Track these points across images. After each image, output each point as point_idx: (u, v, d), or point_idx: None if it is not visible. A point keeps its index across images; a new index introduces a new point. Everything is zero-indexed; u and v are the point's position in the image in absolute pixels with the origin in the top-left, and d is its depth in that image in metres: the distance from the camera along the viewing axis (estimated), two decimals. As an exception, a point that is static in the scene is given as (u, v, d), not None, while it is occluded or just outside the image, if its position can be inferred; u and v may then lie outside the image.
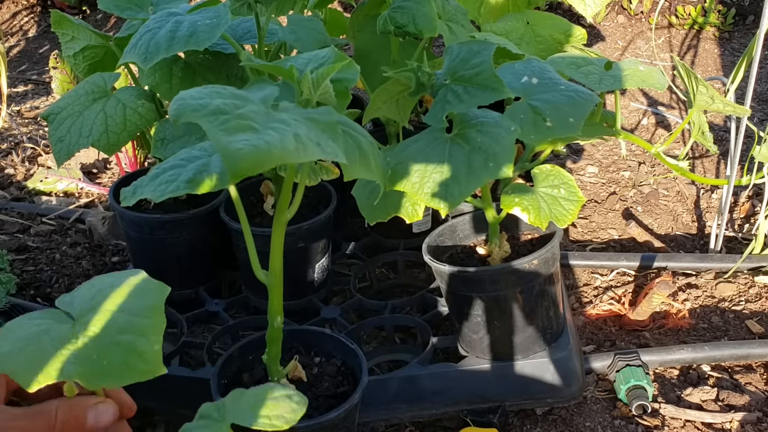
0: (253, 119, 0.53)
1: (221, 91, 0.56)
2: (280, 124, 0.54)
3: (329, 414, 0.72)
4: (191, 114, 0.53)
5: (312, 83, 0.63)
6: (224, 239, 1.08)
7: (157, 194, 0.59)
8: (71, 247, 1.39)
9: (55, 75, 1.60)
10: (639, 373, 0.98)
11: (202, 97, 0.54)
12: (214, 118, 0.52)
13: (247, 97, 0.57)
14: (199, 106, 0.53)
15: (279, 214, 0.67)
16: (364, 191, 0.88)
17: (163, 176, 0.61)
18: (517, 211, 0.85)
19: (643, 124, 1.84)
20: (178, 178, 0.60)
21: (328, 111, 0.59)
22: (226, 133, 0.51)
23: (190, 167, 0.60)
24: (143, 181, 0.62)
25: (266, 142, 0.51)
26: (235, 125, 0.52)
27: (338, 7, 2.11)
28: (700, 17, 2.18)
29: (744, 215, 1.43)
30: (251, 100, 0.57)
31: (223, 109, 0.54)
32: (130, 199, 0.62)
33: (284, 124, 0.54)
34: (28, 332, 0.59)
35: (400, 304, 1.10)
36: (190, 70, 1.03)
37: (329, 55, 0.69)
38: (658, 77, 0.91)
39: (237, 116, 0.53)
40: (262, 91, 0.59)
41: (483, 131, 0.75)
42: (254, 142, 0.50)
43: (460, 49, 0.81)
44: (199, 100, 0.54)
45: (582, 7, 1.22)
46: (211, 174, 0.59)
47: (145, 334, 0.57)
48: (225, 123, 0.52)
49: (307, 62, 0.70)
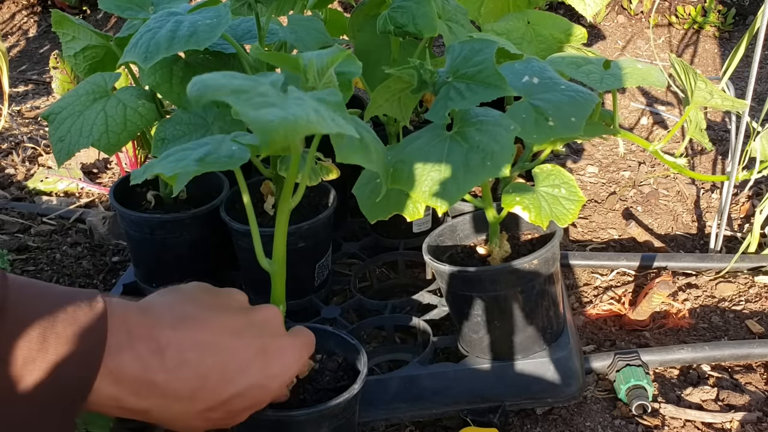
0: (272, 97, 0.56)
1: (235, 74, 0.58)
2: (299, 101, 0.56)
3: (329, 402, 0.72)
4: (214, 93, 0.54)
5: (317, 71, 0.65)
6: (225, 239, 1.08)
7: (168, 170, 0.61)
8: (72, 246, 1.39)
9: (56, 75, 1.60)
10: (639, 373, 0.98)
11: (219, 79, 0.56)
12: (238, 96, 0.54)
13: (260, 80, 0.59)
14: (220, 86, 0.55)
15: (283, 202, 0.68)
16: (364, 189, 0.88)
17: (173, 156, 0.63)
18: (518, 209, 0.86)
19: (643, 123, 1.84)
20: (188, 158, 0.62)
21: (333, 92, 0.61)
22: (253, 108, 0.53)
23: (201, 149, 0.63)
24: (153, 162, 0.64)
25: (293, 114, 0.53)
26: (259, 102, 0.54)
27: (338, 7, 2.12)
28: (700, 17, 2.18)
29: (744, 215, 1.43)
30: (263, 82, 0.59)
31: (244, 88, 0.55)
32: (140, 177, 0.64)
33: (301, 100, 0.56)
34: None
35: (401, 304, 1.10)
36: (191, 70, 1.03)
37: (333, 50, 0.70)
38: (658, 75, 0.91)
39: (258, 93, 0.55)
40: (268, 78, 0.60)
41: (482, 130, 0.75)
42: (282, 114, 0.53)
43: (462, 47, 0.81)
44: (218, 80, 0.56)
45: (582, 7, 1.22)
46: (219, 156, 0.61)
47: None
48: (250, 99, 0.54)
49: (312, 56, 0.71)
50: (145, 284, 1.14)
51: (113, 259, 1.36)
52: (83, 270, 1.32)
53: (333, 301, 1.18)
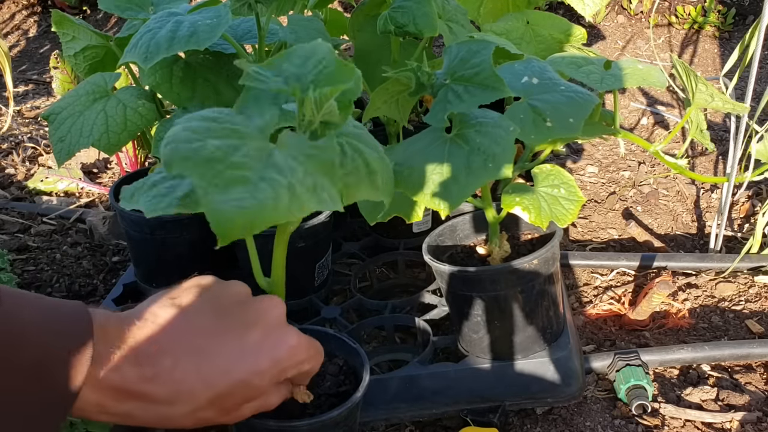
0: (248, 166, 0.51)
1: (215, 127, 0.53)
2: (275, 173, 0.51)
3: (331, 412, 0.72)
4: (182, 163, 0.50)
5: (314, 104, 0.60)
6: (225, 239, 1.08)
7: (150, 208, 0.57)
8: (72, 246, 1.39)
9: (56, 75, 1.60)
10: (639, 373, 0.98)
11: (194, 140, 0.52)
12: (206, 170, 0.50)
13: (244, 133, 0.54)
14: (191, 152, 0.50)
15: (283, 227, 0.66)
16: (364, 191, 0.88)
17: (159, 187, 0.59)
18: (518, 210, 0.86)
19: (643, 123, 1.84)
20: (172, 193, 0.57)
21: (328, 145, 0.57)
22: (219, 190, 0.49)
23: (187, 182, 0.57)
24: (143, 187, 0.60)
25: (258, 200, 0.49)
26: (228, 177, 0.50)
27: (338, 7, 2.12)
28: (700, 17, 2.18)
29: (744, 215, 1.43)
30: (249, 134, 0.54)
31: (215, 156, 0.51)
32: (128, 202, 0.61)
33: (279, 172, 0.51)
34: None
35: (401, 304, 1.10)
36: (191, 70, 1.03)
37: (327, 59, 0.64)
38: (658, 75, 0.91)
39: (230, 165, 0.50)
40: (261, 118, 0.56)
41: (482, 132, 0.75)
42: (244, 203, 0.48)
43: (459, 48, 0.81)
44: (191, 144, 0.51)
45: (581, 7, 1.22)
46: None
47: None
48: (217, 176, 0.50)
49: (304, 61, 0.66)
50: (145, 284, 1.14)
51: (113, 259, 1.36)
52: (83, 270, 1.32)
53: (333, 301, 1.18)
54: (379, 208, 0.89)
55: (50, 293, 1.27)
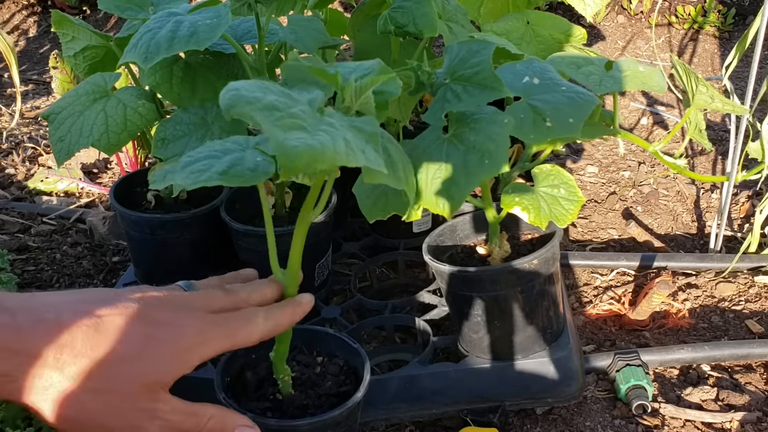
0: (304, 120, 0.54)
1: (271, 87, 0.57)
2: (330, 128, 0.55)
3: (332, 412, 0.72)
4: (246, 106, 0.53)
5: (355, 91, 0.64)
6: (225, 239, 1.08)
7: (190, 181, 0.58)
8: (72, 246, 1.39)
9: (56, 75, 1.60)
10: (639, 373, 0.98)
11: (254, 91, 0.55)
12: (269, 114, 0.53)
13: (296, 98, 0.57)
14: (253, 99, 0.54)
15: (304, 213, 0.67)
16: (364, 189, 0.88)
17: (196, 165, 0.60)
18: (518, 210, 0.86)
19: (643, 123, 1.84)
20: (211, 168, 0.59)
21: (370, 121, 0.60)
22: (282, 130, 0.52)
23: (225, 159, 0.60)
24: (175, 168, 0.61)
25: (320, 142, 0.52)
26: (288, 123, 0.53)
27: (338, 7, 2.12)
28: (700, 17, 2.18)
29: (744, 215, 1.43)
30: (300, 101, 0.57)
31: (276, 105, 0.54)
32: (160, 183, 0.62)
33: (333, 128, 0.55)
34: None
35: (401, 304, 1.10)
36: (191, 70, 1.03)
37: (374, 67, 0.68)
38: (658, 79, 0.91)
39: (290, 114, 0.54)
40: (309, 94, 0.59)
41: (476, 129, 0.76)
42: (309, 141, 0.51)
43: (460, 48, 0.81)
44: (253, 93, 0.54)
45: (581, 7, 1.22)
46: (243, 169, 0.59)
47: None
48: (279, 120, 0.53)
49: (352, 71, 0.70)
50: (145, 284, 1.15)
51: (113, 259, 1.36)
52: (83, 270, 1.32)
53: (333, 301, 1.18)
54: (379, 205, 0.89)
55: (50, 293, 1.27)
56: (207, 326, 0.64)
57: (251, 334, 0.66)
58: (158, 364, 0.62)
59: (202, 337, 0.63)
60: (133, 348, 0.61)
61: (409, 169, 0.70)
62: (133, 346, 0.61)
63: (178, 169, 0.61)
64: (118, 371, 0.61)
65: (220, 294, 0.69)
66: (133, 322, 0.62)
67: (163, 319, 0.63)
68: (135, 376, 0.61)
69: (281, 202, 1.07)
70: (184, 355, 0.63)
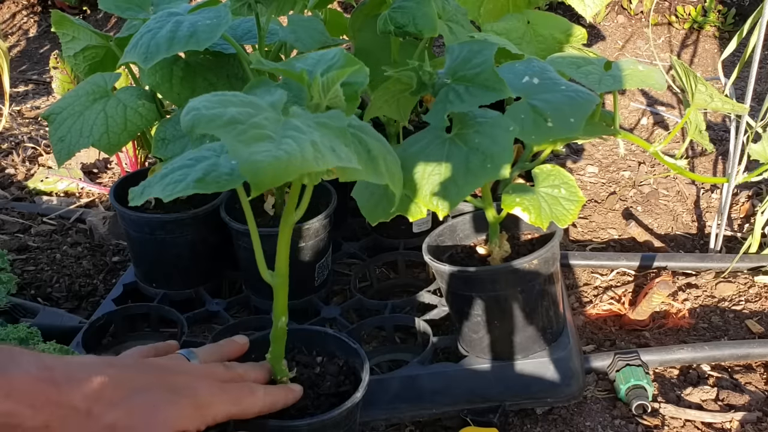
0: (268, 128, 0.53)
1: (232, 99, 0.56)
2: (296, 132, 0.54)
3: (331, 412, 0.72)
4: (207, 125, 0.53)
5: (322, 87, 0.63)
6: (225, 239, 1.09)
7: (166, 193, 0.59)
8: (72, 246, 1.39)
9: (56, 75, 1.60)
10: (639, 373, 0.98)
11: (214, 107, 0.54)
12: (231, 128, 0.52)
13: (258, 104, 0.57)
14: (214, 116, 0.53)
15: (287, 216, 0.67)
16: (365, 192, 0.88)
17: (171, 176, 0.61)
18: (518, 210, 0.85)
19: (643, 123, 1.84)
20: (186, 178, 0.60)
21: (338, 115, 0.59)
22: (245, 145, 0.51)
23: (199, 167, 0.60)
24: (152, 181, 0.62)
25: (286, 152, 0.51)
26: (252, 135, 0.52)
27: (338, 7, 2.11)
28: (700, 17, 2.18)
29: (744, 215, 1.43)
30: (262, 106, 0.56)
31: (237, 118, 0.53)
32: (138, 198, 0.63)
33: (299, 131, 0.54)
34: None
35: (401, 304, 1.10)
36: (191, 70, 1.03)
37: (338, 57, 0.68)
38: (658, 77, 0.91)
39: (253, 125, 0.53)
40: (270, 96, 0.58)
41: (481, 131, 0.75)
42: (275, 153, 0.51)
43: (462, 48, 0.81)
44: (212, 110, 0.54)
45: (582, 7, 1.22)
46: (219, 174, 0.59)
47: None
48: (242, 134, 0.52)
49: (316, 63, 0.69)
50: (145, 284, 1.15)
51: (113, 259, 1.36)
52: (83, 270, 1.32)
53: (333, 301, 1.18)
54: (381, 208, 0.89)
55: (50, 293, 1.27)
56: (217, 390, 0.71)
57: (254, 404, 0.72)
58: (182, 415, 0.68)
59: (214, 399, 0.70)
60: (159, 401, 0.68)
61: (394, 162, 0.69)
62: (159, 400, 0.68)
63: (155, 182, 0.62)
64: (152, 419, 0.66)
65: (222, 368, 0.75)
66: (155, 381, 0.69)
67: (180, 383, 0.70)
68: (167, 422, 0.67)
69: (281, 202, 1.07)
70: (201, 410, 0.68)
